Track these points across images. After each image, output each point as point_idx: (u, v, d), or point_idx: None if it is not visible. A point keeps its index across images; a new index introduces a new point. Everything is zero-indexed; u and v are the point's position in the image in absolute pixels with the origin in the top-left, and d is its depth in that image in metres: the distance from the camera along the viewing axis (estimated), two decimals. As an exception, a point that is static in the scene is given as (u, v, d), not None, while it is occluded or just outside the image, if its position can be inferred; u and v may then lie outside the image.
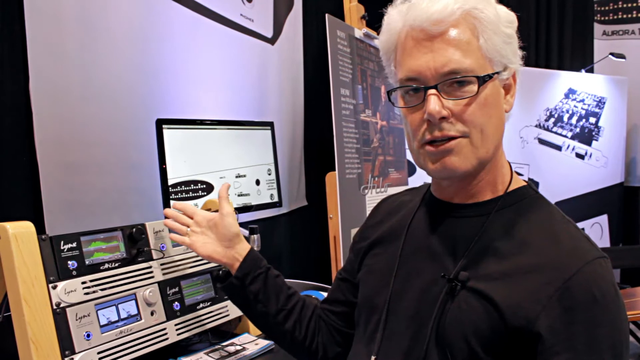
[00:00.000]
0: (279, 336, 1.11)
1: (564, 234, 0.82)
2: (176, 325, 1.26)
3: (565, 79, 4.19)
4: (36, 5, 1.57)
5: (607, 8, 4.64)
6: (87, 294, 1.09)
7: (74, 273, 1.08)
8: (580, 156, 4.22)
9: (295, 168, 2.99)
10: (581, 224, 4.15)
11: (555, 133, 4.13)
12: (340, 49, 2.21)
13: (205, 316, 1.35)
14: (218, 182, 1.83)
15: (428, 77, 0.81)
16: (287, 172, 2.86)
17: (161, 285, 1.26)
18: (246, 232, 1.77)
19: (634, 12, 4.55)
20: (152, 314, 1.21)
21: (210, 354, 1.30)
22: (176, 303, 1.28)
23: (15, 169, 1.58)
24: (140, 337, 1.17)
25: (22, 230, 1.01)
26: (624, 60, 4.23)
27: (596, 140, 4.26)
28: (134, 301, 1.19)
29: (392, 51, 0.87)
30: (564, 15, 4.39)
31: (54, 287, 1.04)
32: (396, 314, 0.90)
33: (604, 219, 4.36)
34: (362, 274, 1.02)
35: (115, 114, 1.82)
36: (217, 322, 1.38)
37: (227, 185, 1.20)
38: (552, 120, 4.12)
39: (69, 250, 1.09)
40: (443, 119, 0.80)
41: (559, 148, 4.14)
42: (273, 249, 2.80)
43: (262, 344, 1.36)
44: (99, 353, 1.08)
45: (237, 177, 1.94)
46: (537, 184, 3.91)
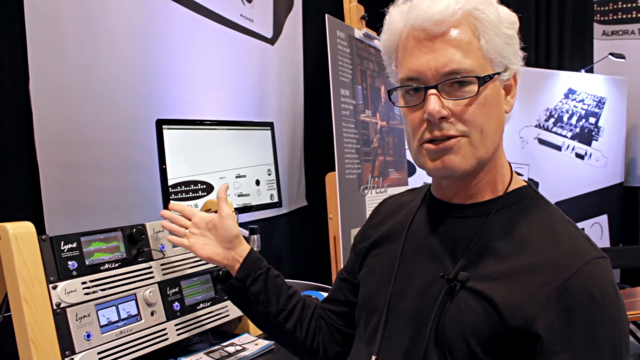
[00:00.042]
0: (280, 336, 1.11)
1: (563, 234, 0.82)
2: (176, 325, 1.26)
3: (565, 79, 4.19)
4: (36, 5, 1.57)
5: (606, 8, 4.65)
6: (87, 294, 1.09)
7: (74, 273, 1.09)
8: (580, 156, 4.22)
9: (295, 168, 2.99)
10: (581, 224, 4.15)
11: (555, 133, 4.13)
12: (340, 49, 2.21)
13: (205, 316, 1.35)
14: (218, 182, 1.83)
15: (428, 77, 0.81)
16: (287, 173, 2.86)
17: (161, 285, 1.26)
18: (246, 233, 1.77)
19: (634, 12, 4.56)
20: (152, 314, 1.21)
21: (210, 354, 1.30)
22: (176, 303, 1.28)
23: (15, 169, 1.58)
24: (140, 338, 1.17)
25: (23, 230, 1.01)
26: (623, 60, 4.23)
27: (596, 141, 4.26)
28: (134, 301, 1.19)
29: (394, 51, 0.87)
30: (563, 16, 4.39)
31: (54, 288, 1.04)
32: (396, 314, 0.90)
33: (603, 219, 4.36)
34: (363, 274, 1.02)
35: (115, 114, 1.82)
36: (217, 323, 1.38)
37: (226, 187, 1.19)
38: (552, 120, 4.12)
39: (69, 250, 1.09)
40: (443, 118, 0.80)
41: (558, 148, 4.14)
42: (273, 249, 2.80)
43: (262, 344, 1.36)
44: (99, 353, 1.08)
45: (237, 177, 1.95)
46: (537, 184, 3.91)
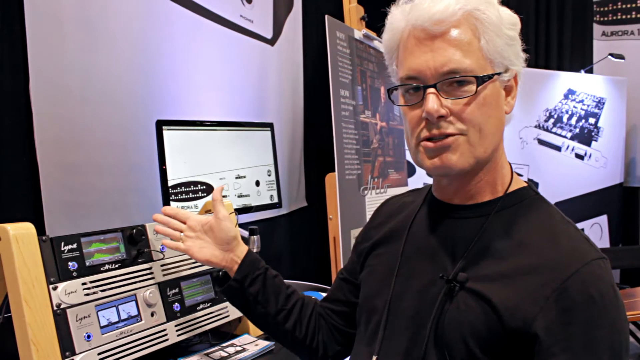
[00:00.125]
0: (279, 336, 1.12)
1: (563, 235, 0.82)
2: (176, 326, 1.26)
3: (565, 79, 4.19)
4: (36, 6, 1.57)
5: (606, 9, 4.65)
6: (87, 295, 1.09)
7: (75, 274, 1.08)
8: (579, 157, 4.22)
9: (295, 169, 2.99)
10: (581, 225, 4.15)
11: (555, 134, 4.13)
12: (340, 50, 2.21)
13: (205, 317, 1.35)
14: (218, 183, 1.84)
15: (428, 76, 0.81)
16: (287, 173, 2.86)
17: (161, 286, 1.26)
18: (246, 233, 1.77)
19: (633, 13, 4.56)
20: (152, 314, 1.21)
21: (210, 355, 1.30)
22: (176, 304, 1.28)
23: (15, 170, 1.58)
24: (140, 338, 1.17)
25: (23, 231, 1.01)
26: (623, 60, 4.24)
27: (595, 141, 4.26)
28: (134, 302, 1.19)
29: (395, 50, 0.87)
30: (563, 16, 4.40)
31: (55, 288, 1.04)
32: (397, 314, 0.90)
33: (603, 219, 4.36)
34: (364, 275, 1.02)
35: (116, 115, 1.83)
36: (217, 323, 1.38)
37: (221, 188, 1.17)
38: (552, 120, 4.12)
39: (70, 251, 1.09)
40: (441, 117, 0.81)
41: (558, 148, 4.14)
42: (273, 249, 2.80)
43: (262, 345, 1.36)
44: (99, 354, 1.08)
45: (237, 178, 1.95)
46: (536, 184, 3.92)
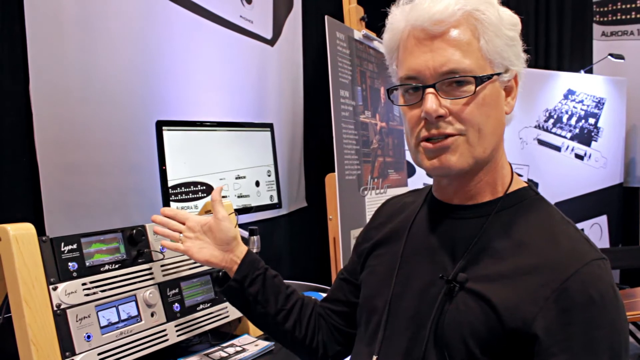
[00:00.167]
0: (279, 336, 1.12)
1: (562, 236, 0.82)
2: (176, 326, 1.26)
3: (565, 79, 4.19)
4: (36, 6, 1.57)
5: (606, 9, 4.65)
6: (87, 295, 1.09)
7: (75, 274, 1.08)
8: (579, 157, 4.22)
9: (294, 169, 2.99)
10: (580, 225, 4.15)
11: (555, 134, 4.13)
12: (340, 50, 2.21)
13: (205, 317, 1.35)
14: (218, 183, 1.84)
15: (427, 76, 0.81)
16: (287, 174, 2.86)
17: (161, 286, 1.26)
18: (246, 234, 1.77)
19: (633, 13, 4.56)
20: (152, 315, 1.21)
21: (210, 355, 1.30)
22: (176, 304, 1.28)
23: (15, 170, 1.58)
24: (140, 339, 1.17)
25: (23, 231, 1.01)
26: (622, 61, 4.24)
27: (595, 141, 4.26)
28: (134, 302, 1.19)
29: (395, 50, 0.88)
30: (563, 16, 4.40)
31: (55, 289, 1.04)
32: (397, 314, 0.90)
33: (603, 219, 4.36)
34: (365, 275, 1.02)
35: (116, 115, 1.83)
36: (217, 324, 1.38)
37: (220, 189, 1.17)
38: (552, 121, 4.12)
39: (70, 251, 1.09)
40: (440, 117, 0.81)
41: (558, 149, 4.14)
42: (273, 250, 2.80)
43: (261, 345, 1.36)
44: (99, 354, 1.08)
45: (236, 178, 1.95)
46: (536, 184, 3.92)
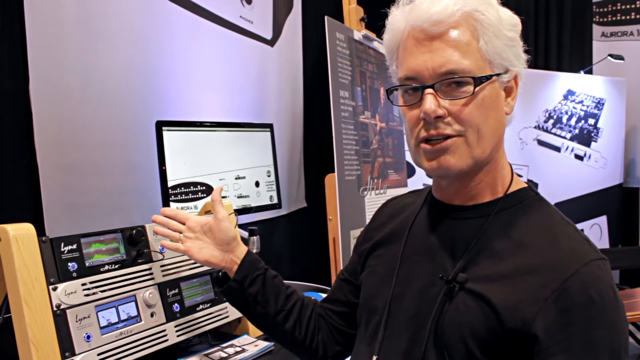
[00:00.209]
0: (279, 336, 1.12)
1: (562, 236, 0.82)
2: (176, 326, 1.26)
3: (564, 80, 4.19)
4: (36, 6, 1.57)
5: (605, 9, 4.65)
6: (87, 295, 1.09)
7: (74, 275, 1.09)
8: (579, 157, 4.22)
9: (294, 170, 2.99)
10: (580, 225, 4.15)
11: (554, 134, 4.13)
12: (340, 51, 2.21)
13: (205, 318, 1.35)
14: (218, 184, 1.84)
15: (426, 76, 0.81)
16: (287, 174, 2.86)
17: (161, 286, 1.26)
18: (245, 234, 1.77)
19: (633, 14, 4.56)
20: (151, 315, 1.21)
21: (209, 356, 1.30)
22: (176, 305, 1.28)
23: (15, 171, 1.58)
24: (140, 339, 1.17)
25: (23, 232, 1.01)
26: (622, 61, 4.24)
27: (595, 142, 4.26)
28: (133, 303, 1.19)
29: (395, 50, 0.88)
30: (562, 17, 4.40)
31: (54, 289, 1.04)
32: (396, 314, 0.90)
33: (603, 220, 4.36)
34: (365, 275, 1.02)
35: (115, 116, 1.83)
36: (216, 324, 1.38)
37: (220, 189, 1.17)
38: (551, 121, 4.13)
39: (69, 252, 1.09)
40: (439, 118, 0.81)
41: (558, 149, 4.14)
42: (272, 250, 2.80)
43: (261, 346, 1.36)
44: (99, 354, 1.08)
45: (236, 178, 1.95)
46: (536, 185, 3.92)
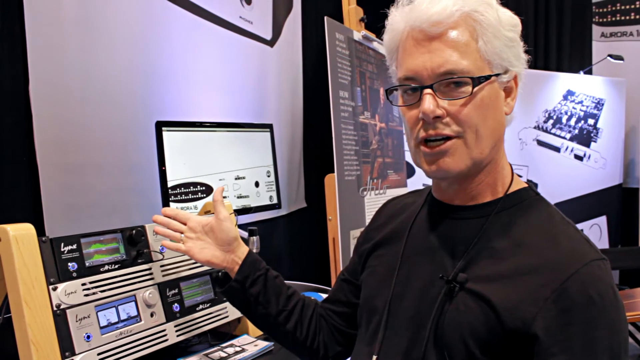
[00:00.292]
0: (280, 336, 1.12)
1: (562, 236, 0.82)
2: (176, 326, 1.26)
3: (564, 80, 4.19)
4: (36, 7, 1.57)
5: (605, 10, 4.66)
6: (87, 295, 1.10)
7: (74, 275, 1.09)
8: (578, 157, 4.22)
9: (294, 170, 2.99)
10: (580, 226, 4.14)
11: (554, 134, 4.14)
12: (339, 51, 2.21)
13: (205, 317, 1.35)
14: (217, 184, 1.84)
15: (424, 76, 0.82)
16: (287, 174, 2.86)
17: (161, 286, 1.26)
18: (245, 234, 1.77)
19: (632, 14, 4.57)
20: (151, 315, 1.21)
21: (209, 355, 1.30)
22: (176, 304, 1.28)
23: (15, 171, 1.58)
24: (140, 339, 1.17)
25: (23, 232, 1.01)
26: (622, 62, 4.24)
27: (595, 142, 4.27)
28: (133, 303, 1.19)
29: (395, 51, 0.88)
30: (562, 17, 4.40)
31: (54, 289, 1.04)
32: (397, 314, 0.90)
33: (602, 220, 4.36)
34: (365, 275, 1.02)
35: (115, 116, 1.83)
36: (216, 324, 1.38)
37: (221, 189, 1.17)
38: (551, 121, 4.13)
39: (69, 252, 1.09)
40: (437, 118, 0.81)
41: (557, 149, 4.15)
42: (272, 250, 2.80)
43: (261, 345, 1.36)
44: (99, 354, 1.08)
45: (236, 179, 1.95)
46: (535, 185, 3.92)
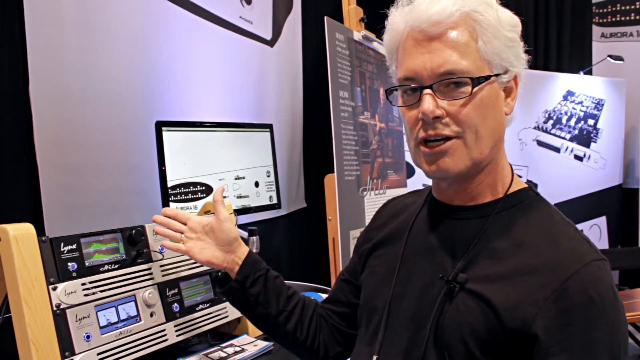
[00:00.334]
0: (280, 337, 1.12)
1: (562, 236, 0.82)
2: (175, 326, 1.26)
3: (564, 81, 4.20)
4: (36, 7, 1.57)
5: (605, 10, 4.66)
6: (86, 295, 1.10)
7: (74, 274, 1.09)
8: (578, 158, 4.22)
9: (294, 170, 2.99)
10: (580, 226, 4.15)
11: (554, 135, 4.14)
12: (339, 51, 2.21)
13: (205, 317, 1.35)
14: (217, 184, 1.84)
15: (424, 77, 0.82)
16: (286, 174, 2.86)
17: (160, 286, 1.26)
18: (245, 234, 1.77)
19: (632, 15, 4.57)
20: (151, 315, 1.22)
21: (209, 355, 1.30)
22: (175, 304, 1.28)
23: (15, 171, 1.58)
24: (139, 339, 1.17)
25: (23, 232, 1.01)
26: (622, 62, 4.24)
27: (594, 142, 4.27)
28: (133, 302, 1.19)
29: (394, 51, 0.88)
30: (562, 17, 4.40)
31: (54, 289, 1.04)
32: (397, 314, 0.90)
33: (602, 220, 4.36)
34: (365, 276, 1.02)
35: (115, 116, 1.83)
36: (216, 324, 1.38)
37: (222, 189, 1.17)
38: (551, 122, 4.13)
39: (69, 252, 1.09)
40: (437, 118, 0.81)
41: (557, 150, 4.15)
42: (272, 250, 2.80)
43: (260, 345, 1.36)
44: (98, 354, 1.08)
45: (236, 179, 1.95)
46: (535, 185, 3.90)
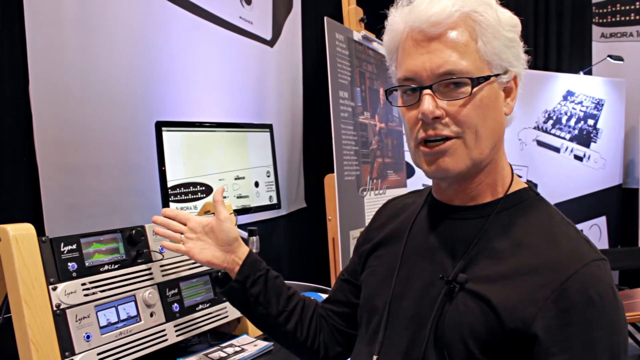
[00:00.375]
0: (280, 337, 1.12)
1: (562, 236, 0.82)
2: (175, 326, 1.26)
3: (564, 81, 4.20)
4: (36, 7, 1.57)
5: (605, 10, 4.66)
6: (86, 295, 1.10)
7: (74, 275, 1.09)
8: (578, 158, 4.23)
9: (294, 170, 3.00)
10: (580, 226, 4.15)
11: (554, 135, 4.14)
12: (339, 51, 2.21)
13: (204, 317, 1.35)
14: (217, 184, 1.84)
15: (424, 77, 0.82)
16: (286, 174, 2.86)
17: (160, 286, 1.26)
18: (245, 234, 1.77)
19: (632, 15, 4.57)
20: (151, 315, 1.22)
21: (209, 355, 1.30)
22: (175, 304, 1.28)
23: (15, 171, 1.58)
24: (139, 339, 1.17)
25: (23, 232, 1.01)
26: (622, 62, 4.24)
27: (594, 142, 4.27)
28: (133, 302, 1.19)
29: (394, 51, 0.88)
30: (562, 18, 4.40)
31: (54, 289, 1.04)
32: (397, 314, 0.90)
33: (602, 220, 4.36)
34: (365, 276, 1.02)
35: (115, 116, 1.83)
36: (216, 324, 1.38)
37: (222, 189, 1.17)
38: (551, 122, 4.13)
39: (69, 252, 1.09)
40: (437, 118, 0.81)
41: (557, 150, 4.15)
42: (272, 250, 2.80)
43: (260, 345, 1.36)
44: (98, 354, 1.08)
45: (236, 179, 1.95)
46: (535, 185, 3.90)
